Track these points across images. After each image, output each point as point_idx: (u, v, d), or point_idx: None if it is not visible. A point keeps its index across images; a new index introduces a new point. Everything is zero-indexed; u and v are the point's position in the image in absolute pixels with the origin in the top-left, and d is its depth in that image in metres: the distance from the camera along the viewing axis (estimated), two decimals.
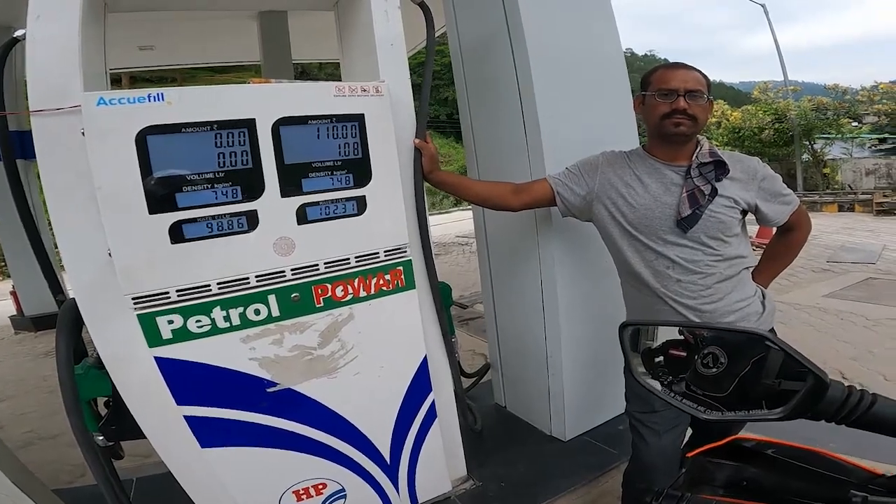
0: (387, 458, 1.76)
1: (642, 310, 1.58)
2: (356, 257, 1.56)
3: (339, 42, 1.99)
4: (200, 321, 1.39)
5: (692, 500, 0.64)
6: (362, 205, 1.54)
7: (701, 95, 1.44)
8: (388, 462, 1.76)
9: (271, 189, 1.40)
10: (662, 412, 1.52)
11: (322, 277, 1.52)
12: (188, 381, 1.41)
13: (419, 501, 1.87)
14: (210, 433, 1.48)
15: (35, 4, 1.25)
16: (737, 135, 15.91)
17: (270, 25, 3.20)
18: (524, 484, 2.06)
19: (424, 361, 1.74)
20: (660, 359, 0.76)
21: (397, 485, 1.80)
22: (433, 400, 1.79)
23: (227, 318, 1.42)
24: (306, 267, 1.49)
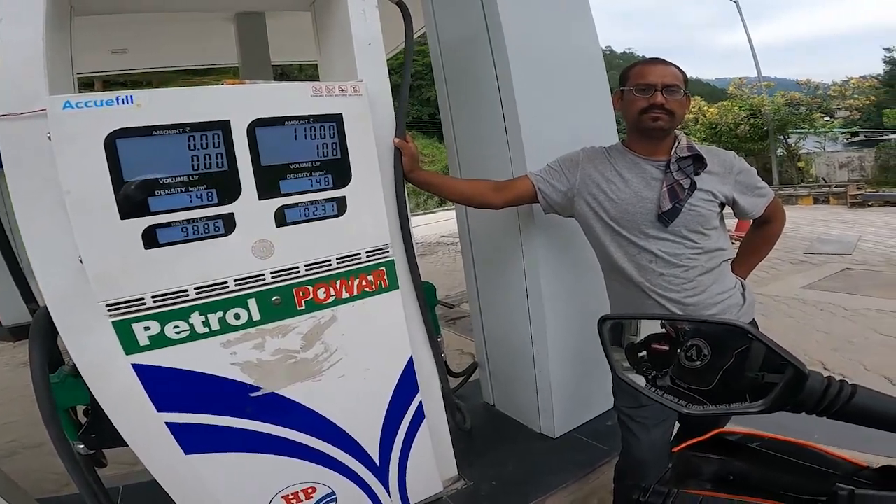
0: (376, 460, 1.73)
1: (627, 304, 1.58)
2: (337, 259, 1.53)
3: (317, 42, 1.95)
4: (178, 327, 1.34)
5: (679, 496, 0.63)
6: (342, 205, 1.51)
7: (678, 90, 1.45)
8: (378, 464, 1.73)
9: (248, 191, 1.36)
10: (650, 406, 1.51)
11: (303, 280, 1.48)
12: (168, 388, 1.37)
13: (410, 503, 1.85)
14: (193, 439, 1.44)
15: None
16: (714, 130, 16.19)
17: (248, 27, 3.15)
18: (515, 482, 2.05)
19: (410, 362, 1.72)
20: (643, 353, 0.75)
21: (388, 486, 1.78)
22: (420, 401, 1.76)
23: (207, 324, 1.38)
24: (286, 270, 1.45)
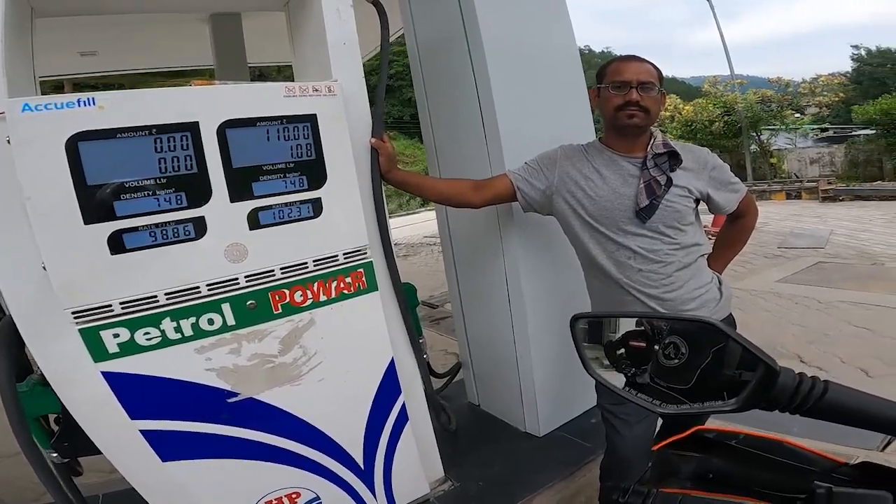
0: (360, 464, 1.70)
1: (607, 302, 1.58)
2: (314, 261, 1.49)
3: (291, 43, 1.91)
4: (149, 333, 1.30)
5: (658, 496, 0.61)
6: (318, 207, 1.47)
7: (652, 87, 1.45)
8: (363, 467, 1.70)
9: (219, 194, 1.31)
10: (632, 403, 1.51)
11: (279, 283, 1.44)
12: (141, 395, 1.33)
13: None
14: (170, 446, 1.39)
15: None
16: (689, 128, 16.46)
17: (223, 28, 3.07)
18: (502, 482, 2.03)
19: (392, 364, 1.69)
20: (622, 351, 0.73)
21: (374, 489, 1.74)
22: (403, 402, 1.73)
23: (179, 329, 1.33)
24: (261, 273, 1.41)
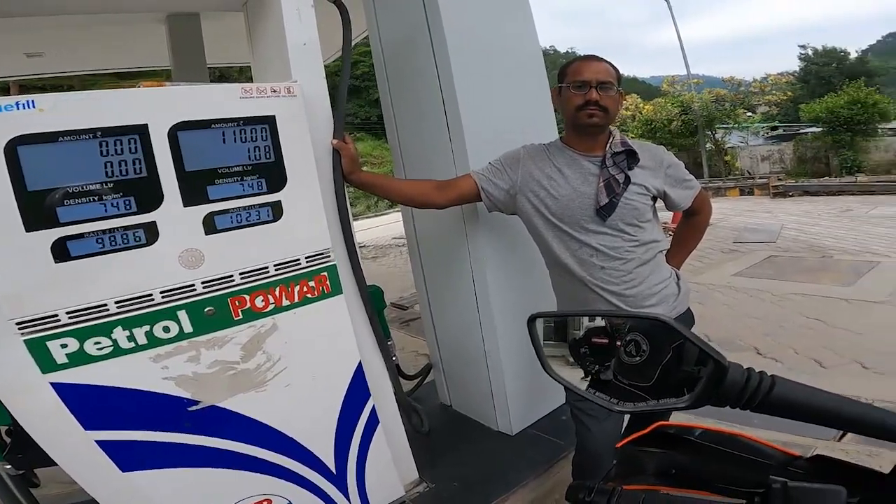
0: (332, 468, 1.66)
1: (571, 299, 1.59)
2: (275, 265, 1.45)
3: (250, 44, 1.86)
4: (100, 343, 1.23)
5: (623, 494, 0.60)
6: (278, 210, 1.43)
7: (611, 87, 1.46)
8: (335, 472, 1.66)
9: (171, 198, 1.26)
10: None
11: (238, 289, 1.39)
12: (95, 406, 1.26)
13: None
14: (130, 456, 1.33)
15: None
16: (649, 127, 16.71)
17: (180, 28, 2.94)
18: (476, 482, 2.01)
19: (360, 367, 1.66)
20: (585, 349, 0.72)
21: (347, 494, 1.71)
22: (373, 405, 1.70)
23: (132, 338, 1.27)
24: (219, 279, 1.36)
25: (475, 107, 2.05)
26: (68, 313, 1.18)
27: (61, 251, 1.14)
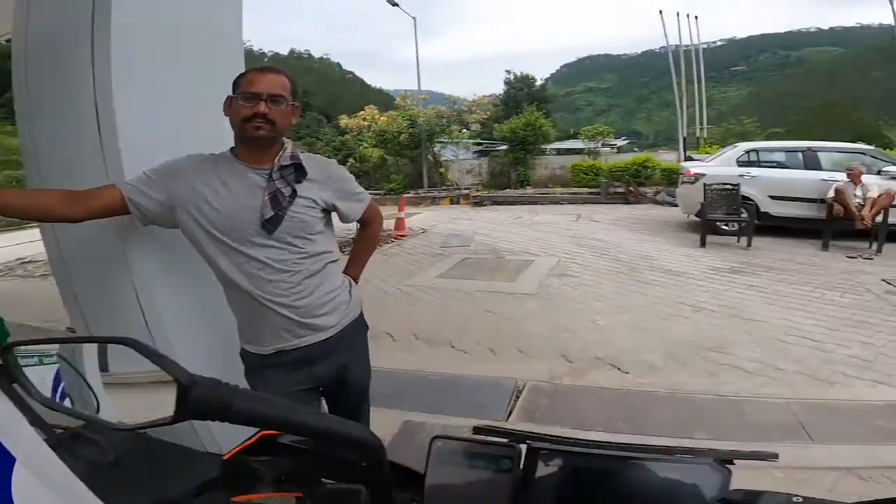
0: None
1: (245, 314, 1.55)
2: None
3: None
4: None
5: None
6: None
7: (283, 100, 1.44)
8: None
9: None
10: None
11: None
12: None
13: None
14: None
15: None
16: (382, 137, 17.46)
17: None
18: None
19: None
20: None
21: None
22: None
23: None
24: None
25: (140, 109, 1.74)
26: None
27: None
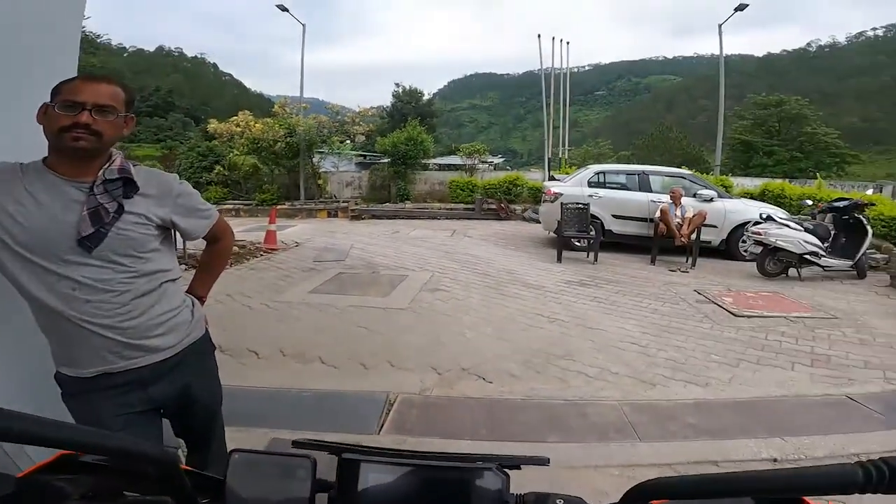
0: None
1: (58, 336, 1.44)
2: None
3: None
4: None
5: None
6: None
7: (112, 111, 1.36)
8: None
9: None
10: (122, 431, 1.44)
11: None
12: None
13: None
14: None
15: None
16: (256, 145, 16.45)
17: None
18: None
19: None
20: None
21: None
22: None
23: None
24: None
25: None
26: None
27: None
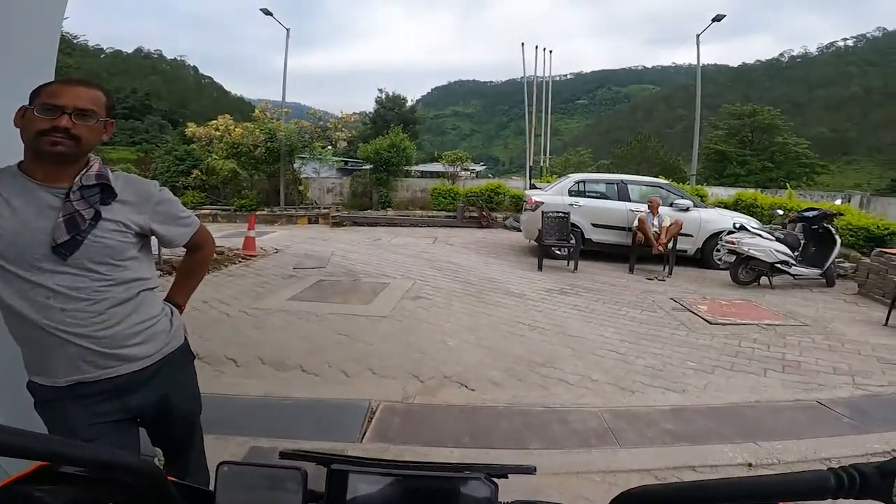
0: None
1: (31, 344, 1.38)
2: None
3: None
4: None
5: None
6: None
7: (92, 115, 1.33)
8: None
9: None
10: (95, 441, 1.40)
11: None
12: None
13: None
14: None
15: None
16: (235, 150, 16.20)
17: None
18: None
19: None
20: None
21: None
22: None
23: None
24: None
25: None
26: None
27: None
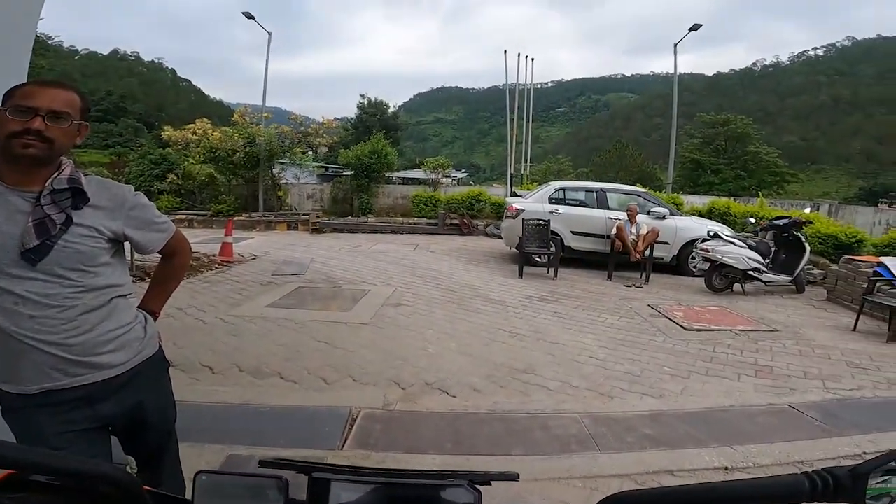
0: None
1: (1, 352, 1.34)
2: None
3: None
4: None
5: None
6: None
7: (66, 118, 1.29)
8: None
9: None
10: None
11: None
12: None
13: None
14: None
15: None
16: (213, 154, 15.88)
17: None
18: None
19: None
20: None
21: None
22: None
23: None
24: None
25: None
26: None
27: None
